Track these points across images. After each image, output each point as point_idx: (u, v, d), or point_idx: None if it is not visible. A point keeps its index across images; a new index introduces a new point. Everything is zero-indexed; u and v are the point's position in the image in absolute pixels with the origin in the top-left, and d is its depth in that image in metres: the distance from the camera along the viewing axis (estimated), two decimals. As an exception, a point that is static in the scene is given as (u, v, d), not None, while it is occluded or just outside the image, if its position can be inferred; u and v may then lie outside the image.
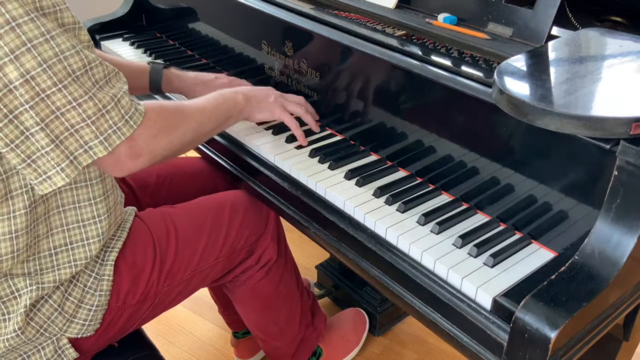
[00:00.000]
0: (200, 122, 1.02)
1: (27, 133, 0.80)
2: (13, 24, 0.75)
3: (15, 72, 0.76)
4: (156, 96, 1.44)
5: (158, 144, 0.93)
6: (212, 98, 1.08)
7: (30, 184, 0.86)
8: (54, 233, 0.94)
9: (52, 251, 0.95)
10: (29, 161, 0.82)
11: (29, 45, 0.77)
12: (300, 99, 1.23)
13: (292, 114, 1.19)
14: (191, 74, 1.33)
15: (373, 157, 1.17)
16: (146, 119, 0.90)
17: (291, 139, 1.21)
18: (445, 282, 0.88)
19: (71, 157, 0.83)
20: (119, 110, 0.86)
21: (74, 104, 0.81)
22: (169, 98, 1.42)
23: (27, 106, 0.78)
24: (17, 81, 0.77)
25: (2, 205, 0.86)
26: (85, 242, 0.97)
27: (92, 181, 0.95)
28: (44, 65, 0.78)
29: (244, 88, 1.18)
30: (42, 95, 0.79)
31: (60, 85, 0.79)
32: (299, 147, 1.19)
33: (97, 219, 0.97)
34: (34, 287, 0.93)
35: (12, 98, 0.78)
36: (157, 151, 0.93)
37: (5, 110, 0.78)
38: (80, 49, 0.82)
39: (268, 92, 1.19)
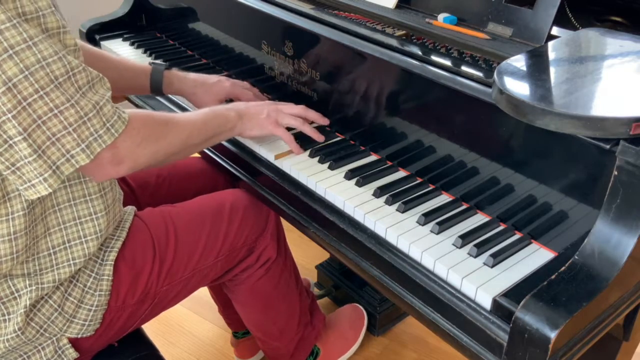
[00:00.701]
0: (188, 135, 1.02)
1: (10, 142, 0.79)
2: None
3: None
4: (158, 97, 1.44)
5: (141, 152, 0.92)
6: (203, 112, 1.08)
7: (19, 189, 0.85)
8: (52, 232, 0.94)
9: (51, 251, 0.95)
10: (13, 168, 0.81)
11: (10, 52, 0.76)
12: (298, 109, 1.18)
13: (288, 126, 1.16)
14: (192, 76, 1.31)
15: (373, 157, 1.17)
16: (130, 127, 0.89)
17: (291, 139, 1.21)
18: (445, 282, 0.88)
19: (54, 167, 0.83)
20: (101, 118, 0.85)
21: (56, 111, 0.80)
22: (170, 99, 1.42)
23: (9, 115, 0.77)
24: None
25: (0, 207, 0.86)
26: (83, 239, 0.97)
27: (85, 178, 0.95)
28: (26, 72, 0.77)
29: (240, 104, 1.16)
30: (24, 104, 0.78)
31: (42, 92, 0.79)
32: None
33: (93, 216, 0.97)
34: (34, 288, 0.93)
35: None
36: (140, 160, 0.93)
37: None
38: (63, 55, 0.81)
39: (262, 108, 1.15)
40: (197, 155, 1.39)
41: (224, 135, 1.12)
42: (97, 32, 1.71)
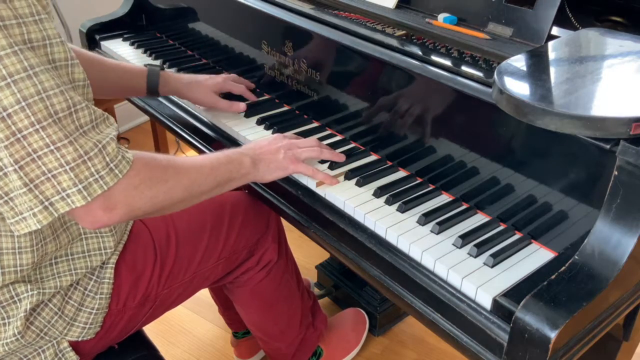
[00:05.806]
0: (193, 180, 0.93)
1: (2, 172, 0.75)
2: None
3: None
4: (160, 99, 1.44)
5: (138, 197, 0.83)
6: (214, 156, 1.00)
7: (9, 223, 0.80)
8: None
9: (52, 261, 0.95)
10: (6, 198, 0.77)
11: (9, 80, 0.71)
12: (311, 142, 1.13)
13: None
14: (186, 75, 1.35)
15: (373, 157, 1.17)
16: (130, 169, 0.82)
17: (291, 139, 1.21)
18: (445, 282, 0.88)
19: (46, 203, 0.77)
20: (103, 158, 0.78)
21: (52, 147, 0.74)
22: (171, 101, 1.42)
23: (1, 145, 0.73)
24: None
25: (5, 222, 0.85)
26: (87, 254, 0.97)
27: None
28: (23, 103, 0.72)
29: (254, 148, 1.08)
30: (18, 136, 0.73)
31: (38, 126, 0.73)
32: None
33: (99, 233, 0.98)
34: (35, 292, 0.93)
35: None
36: (136, 205, 0.83)
37: None
38: (65, 89, 0.76)
39: (277, 148, 1.09)
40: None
41: (237, 182, 1.03)
42: (97, 32, 1.71)
